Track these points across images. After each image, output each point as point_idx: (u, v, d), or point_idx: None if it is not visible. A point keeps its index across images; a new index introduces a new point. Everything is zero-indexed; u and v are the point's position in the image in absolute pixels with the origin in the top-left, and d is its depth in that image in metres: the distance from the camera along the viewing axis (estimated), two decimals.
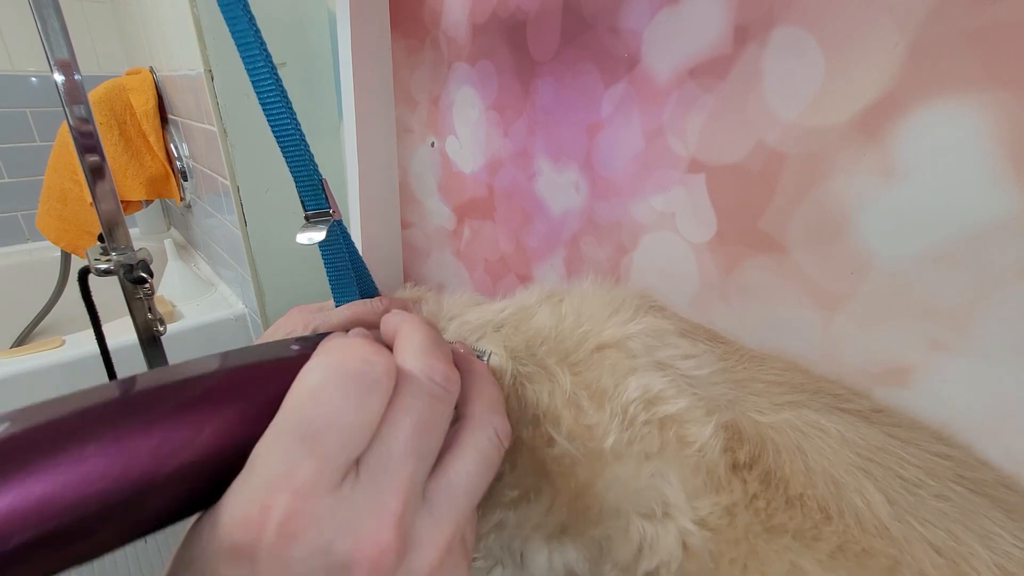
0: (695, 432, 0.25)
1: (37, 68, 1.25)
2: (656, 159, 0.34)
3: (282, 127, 0.31)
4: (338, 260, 0.35)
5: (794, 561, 0.22)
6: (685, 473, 0.24)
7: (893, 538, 0.21)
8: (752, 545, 0.23)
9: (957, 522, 0.21)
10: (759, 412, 0.26)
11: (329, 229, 0.33)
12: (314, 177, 0.33)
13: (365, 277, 0.38)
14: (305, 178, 0.33)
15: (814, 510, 0.23)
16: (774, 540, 0.22)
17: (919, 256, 0.24)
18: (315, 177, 0.33)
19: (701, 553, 0.23)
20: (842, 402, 0.27)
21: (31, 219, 1.20)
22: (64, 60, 0.51)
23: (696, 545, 0.23)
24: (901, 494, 0.22)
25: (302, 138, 0.32)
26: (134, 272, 0.63)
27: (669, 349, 0.29)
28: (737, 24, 0.28)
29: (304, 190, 0.33)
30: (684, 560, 0.23)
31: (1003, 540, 0.21)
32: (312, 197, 0.33)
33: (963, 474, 0.23)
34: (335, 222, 0.34)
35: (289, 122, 0.31)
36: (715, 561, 0.23)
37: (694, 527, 0.23)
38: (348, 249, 0.36)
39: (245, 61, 0.30)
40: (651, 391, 0.26)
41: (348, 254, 0.36)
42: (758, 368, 0.29)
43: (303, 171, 0.33)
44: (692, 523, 0.23)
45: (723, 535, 0.23)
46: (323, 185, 0.33)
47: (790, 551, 0.22)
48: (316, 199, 0.33)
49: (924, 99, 0.23)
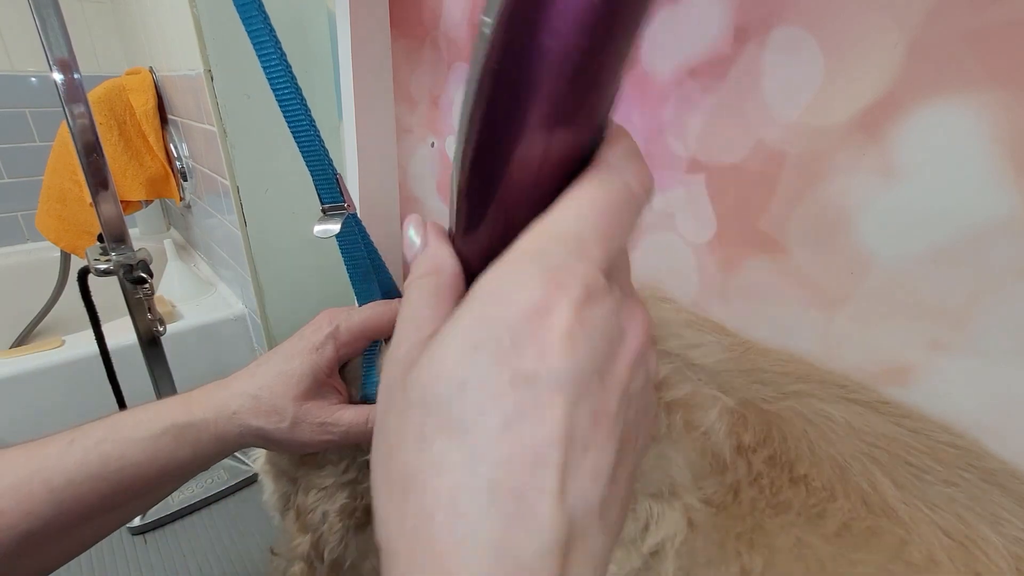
0: (701, 416, 0.25)
1: (37, 68, 1.25)
2: (656, 159, 0.34)
3: (298, 123, 0.32)
4: (355, 253, 0.36)
5: (800, 536, 0.22)
6: (691, 456, 0.25)
7: (900, 519, 0.21)
8: (758, 520, 0.23)
9: (966, 507, 0.21)
10: (765, 400, 0.26)
11: (344, 222, 0.34)
12: (329, 171, 0.34)
13: (382, 270, 0.38)
14: (320, 172, 0.33)
15: (819, 489, 0.23)
16: (779, 515, 0.23)
17: (919, 256, 0.24)
18: (330, 171, 0.34)
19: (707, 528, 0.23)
20: (849, 392, 0.27)
21: (31, 219, 1.20)
22: (64, 60, 0.51)
23: (701, 521, 0.24)
24: (908, 479, 0.22)
25: (317, 133, 0.33)
26: (134, 272, 0.63)
27: (675, 339, 0.29)
28: (737, 24, 0.28)
29: (320, 184, 0.34)
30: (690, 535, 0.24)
31: (1014, 526, 0.21)
32: (328, 191, 0.34)
33: (972, 463, 0.23)
34: (350, 215, 0.34)
35: (304, 118, 0.32)
36: (721, 536, 0.23)
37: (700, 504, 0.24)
38: (364, 242, 0.36)
39: (261, 59, 0.31)
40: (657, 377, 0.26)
41: (364, 247, 0.36)
42: (764, 359, 0.29)
43: (319, 165, 0.33)
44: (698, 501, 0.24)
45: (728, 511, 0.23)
46: (338, 180, 0.34)
47: (795, 526, 0.22)
48: (332, 193, 0.34)
49: (924, 99, 0.23)
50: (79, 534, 0.31)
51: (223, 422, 0.31)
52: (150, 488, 0.31)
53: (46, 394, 0.83)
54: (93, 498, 0.29)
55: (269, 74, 0.31)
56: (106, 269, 0.62)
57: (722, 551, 0.24)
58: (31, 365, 0.81)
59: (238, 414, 0.31)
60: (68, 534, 0.29)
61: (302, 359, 0.32)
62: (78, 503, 0.28)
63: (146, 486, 0.31)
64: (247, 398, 0.31)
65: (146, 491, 0.31)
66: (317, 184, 0.34)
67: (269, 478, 0.37)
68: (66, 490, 0.28)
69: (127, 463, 0.29)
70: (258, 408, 0.31)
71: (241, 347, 1.00)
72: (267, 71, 0.31)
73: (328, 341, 0.32)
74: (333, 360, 0.32)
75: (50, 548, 0.29)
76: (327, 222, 0.34)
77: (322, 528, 0.33)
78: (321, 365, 0.32)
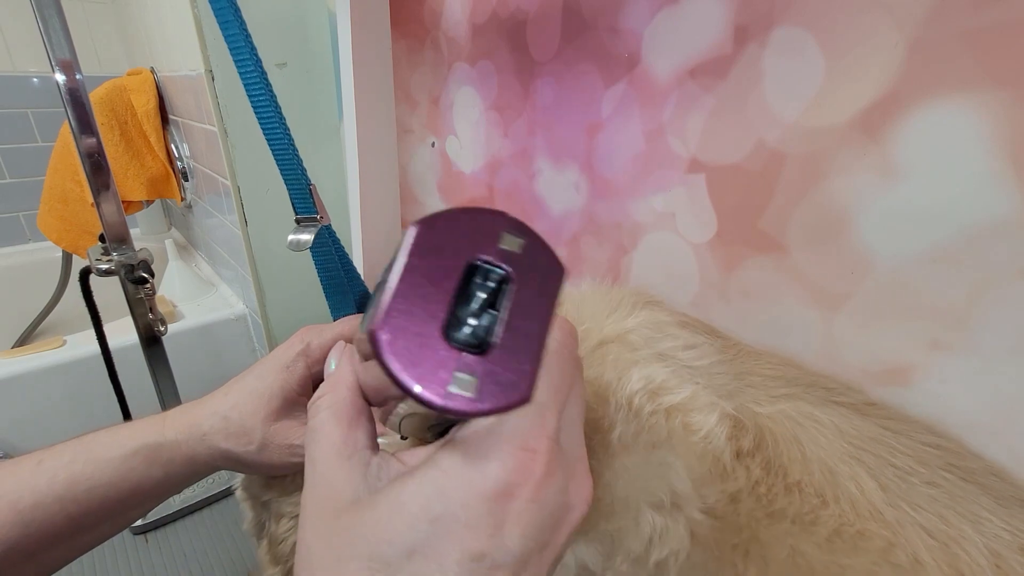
0: (700, 420, 0.25)
1: (39, 69, 1.25)
2: (656, 159, 0.34)
3: (272, 131, 0.32)
4: (328, 265, 0.35)
5: (794, 545, 0.22)
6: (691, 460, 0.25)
7: (887, 522, 0.22)
8: (754, 531, 0.23)
9: (948, 507, 0.22)
10: (756, 403, 0.27)
11: (318, 234, 0.33)
12: (303, 182, 0.33)
13: (357, 282, 0.37)
14: (295, 182, 0.33)
15: (811, 495, 0.23)
16: (774, 525, 0.23)
17: (919, 256, 0.24)
18: (303, 182, 0.33)
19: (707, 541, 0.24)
20: (835, 395, 0.27)
21: (32, 219, 1.20)
22: (66, 60, 0.52)
23: (702, 534, 0.24)
24: (893, 481, 0.23)
25: (291, 143, 0.32)
26: (135, 272, 0.63)
27: (669, 340, 0.29)
28: (737, 24, 0.28)
29: (295, 194, 0.33)
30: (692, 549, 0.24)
31: (992, 524, 0.21)
32: (302, 201, 0.33)
33: (953, 463, 0.24)
34: (324, 228, 0.34)
35: (278, 126, 0.31)
36: (719, 547, 0.23)
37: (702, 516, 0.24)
38: (338, 254, 0.36)
39: (237, 65, 0.30)
40: (654, 381, 0.27)
41: (339, 259, 0.36)
42: (755, 362, 0.30)
43: (292, 176, 0.33)
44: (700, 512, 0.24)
45: (727, 521, 0.24)
46: (311, 191, 0.33)
47: (790, 536, 0.23)
48: (305, 204, 0.33)
49: (924, 99, 0.23)
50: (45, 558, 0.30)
51: (194, 443, 0.30)
52: (121, 510, 0.30)
53: (48, 394, 0.83)
54: (61, 520, 0.28)
55: (245, 79, 0.31)
56: (107, 269, 0.62)
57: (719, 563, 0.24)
58: (33, 365, 0.81)
59: (208, 436, 0.30)
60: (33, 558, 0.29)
61: (273, 378, 0.31)
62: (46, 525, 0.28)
63: (116, 507, 0.30)
64: (218, 418, 0.30)
65: (117, 513, 0.30)
66: (292, 194, 0.33)
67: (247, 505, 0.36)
68: (34, 511, 0.27)
69: (96, 483, 0.28)
70: (227, 430, 0.30)
71: (241, 347, 1.00)
72: (243, 76, 0.31)
73: (299, 359, 0.31)
74: (305, 378, 0.31)
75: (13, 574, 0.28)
76: (300, 232, 0.33)
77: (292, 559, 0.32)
78: (292, 383, 0.31)
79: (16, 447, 0.82)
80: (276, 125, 0.31)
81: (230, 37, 0.30)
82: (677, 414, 0.26)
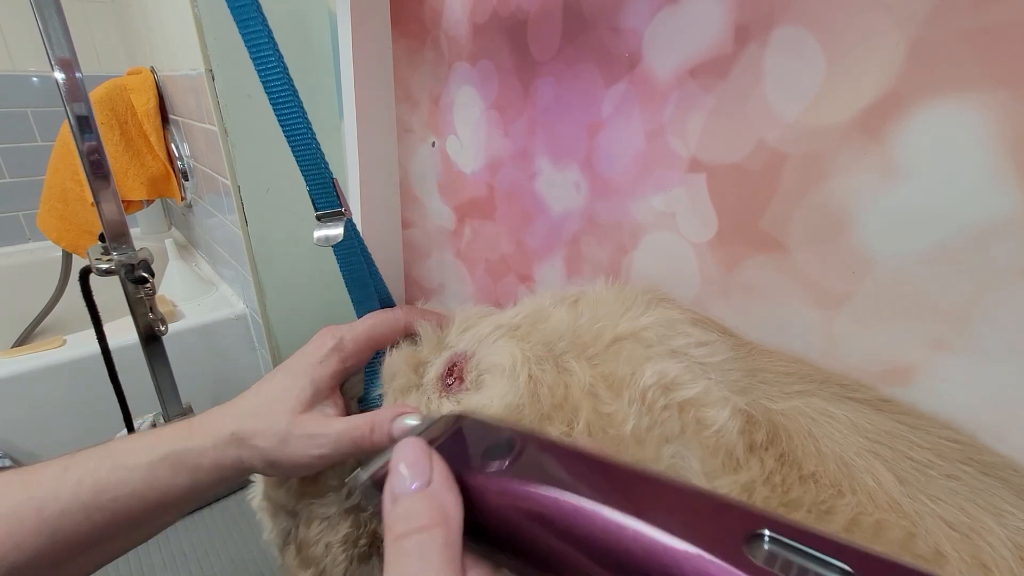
0: (713, 415, 0.25)
1: (38, 68, 1.25)
2: (657, 159, 0.34)
3: (294, 127, 0.31)
4: (352, 259, 0.35)
5: None
6: (704, 454, 0.25)
7: (906, 513, 0.21)
8: None
9: (968, 500, 0.21)
10: (770, 399, 0.27)
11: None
12: (325, 176, 0.33)
13: (377, 276, 0.38)
14: (316, 177, 0.33)
15: (827, 486, 0.23)
16: (790, 514, 0.23)
17: (920, 255, 0.24)
18: (327, 176, 0.33)
19: None
20: (849, 391, 0.27)
21: (32, 219, 1.20)
22: (65, 59, 0.52)
23: None
24: (911, 474, 0.23)
25: (313, 137, 0.32)
26: (135, 272, 0.63)
27: (682, 337, 0.29)
28: (738, 24, 0.28)
29: (315, 189, 0.33)
30: None
31: (1015, 517, 0.21)
32: (323, 196, 0.33)
33: (972, 456, 0.23)
34: (348, 220, 0.34)
35: (301, 122, 0.31)
36: None
37: None
38: (361, 247, 0.36)
39: (256, 63, 0.30)
40: (667, 376, 0.27)
41: (361, 252, 0.36)
42: (767, 360, 0.30)
43: (314, 170, 0.33)
44: None
45: None
46: (334, 184, 0.33)
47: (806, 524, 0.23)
48: (328, 198, 0.33)
49: (925, 99, 0.23)
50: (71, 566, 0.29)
51: (221, 446, 0.30)
52: (148, 519, 0.30)
53: (48, 393, 0.83)
54: (87, 528, 0.28)
55: (265, 77, 0.30)
56: (108, 269, 0.62)
57: None
58: (33, 365, 0.81)
59: (236, 434, 0.30)
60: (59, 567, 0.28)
61: (305, 372, 0.31)
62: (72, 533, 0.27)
63: (143, 516, 0.29)
64: (247, 416, 0.30)
65: (143, 522, 0.30)
66: (312, 189, 0.33)
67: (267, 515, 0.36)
68: (59, 520, 0.27)
69: (123, 491, 0.28)
70: (255, 426, 0.30)
71: (242, 346, 1.00)
72: (263, 74, 0.30)
73: (332, 354, 0.32)
74: (338, 372, 0.32)
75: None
76: (326, 228, 0.33)
77: (325, 561, 0.32)
78: (324, 378, 0.31)
79: (16, 447, 0.82)
80: (298, 119, 0.31)
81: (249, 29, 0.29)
82: (690, 409, 0.26)
